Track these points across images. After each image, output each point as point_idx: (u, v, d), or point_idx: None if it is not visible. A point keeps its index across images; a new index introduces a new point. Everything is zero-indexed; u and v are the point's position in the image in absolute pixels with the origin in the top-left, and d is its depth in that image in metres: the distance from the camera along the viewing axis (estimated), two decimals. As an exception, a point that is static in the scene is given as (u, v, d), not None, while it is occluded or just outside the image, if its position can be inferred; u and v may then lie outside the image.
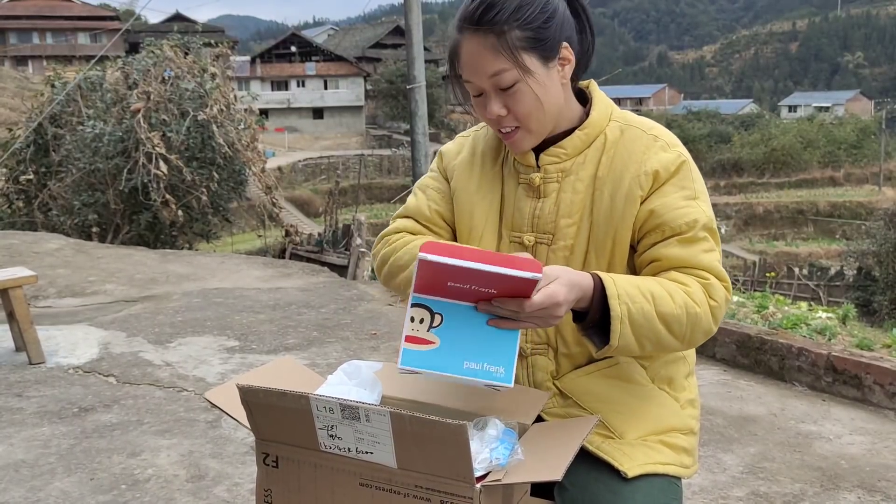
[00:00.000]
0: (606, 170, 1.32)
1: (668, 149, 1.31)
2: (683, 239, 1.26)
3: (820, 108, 69.20)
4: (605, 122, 1.35)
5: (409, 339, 1.12)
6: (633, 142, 1.32)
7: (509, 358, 1.12)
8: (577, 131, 1.34)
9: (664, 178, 1.28)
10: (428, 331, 1.12)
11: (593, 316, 1.19)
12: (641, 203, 1.29)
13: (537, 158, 1.36)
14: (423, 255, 1.06)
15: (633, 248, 1.32)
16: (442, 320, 1.12)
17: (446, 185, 1.46)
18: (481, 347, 1.11)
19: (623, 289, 1.18)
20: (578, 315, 1.22)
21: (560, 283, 1.13)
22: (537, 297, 1.10)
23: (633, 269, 1.34)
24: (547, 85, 1.27)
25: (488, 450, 1.11)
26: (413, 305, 1.13)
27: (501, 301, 1.11)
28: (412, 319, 1.12)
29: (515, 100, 1.26)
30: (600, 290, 1.18)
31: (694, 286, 1.23)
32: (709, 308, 1.23)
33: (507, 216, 1.39)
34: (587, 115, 1.36)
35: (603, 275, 1.20)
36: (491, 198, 1.40)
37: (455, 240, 1.46)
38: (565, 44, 1.28)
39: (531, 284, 1.07)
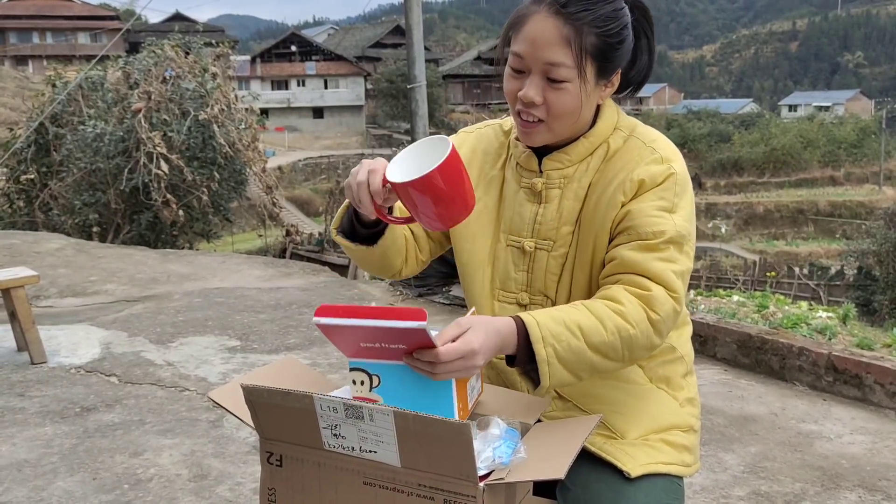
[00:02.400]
0: (600, 176, 1.32)
1: (661, 162, 1.28)
2: (644, 245, 1.24)
3: (820, 108, 69.19)
4: (610, 130, 1.34)
5: (356, 398, 1.19)
6: (631, 151, 1.31)
7: (448, 406, 1.15)
8: (581, 139, 1.33)
9: (648, 186, 1.27)
10: (370, 391, 1.19)
11: (521, 359, 1.18)
12: (621, 207, 1.28)
13: (540, 163, 1.35)
14: (315, 319, 1.13)
15: None
16: (380, 381, 1.18)
17: None
18: (420, 400, 1.15)
19: (547, 329, 1.15)
20: (510, 359, 1.21)
21: (474, 331, 1.11)
22: (453, 345, 1.09)
23: None
24: (590, 99, 1.27)
25: (491, 448, 1.12)
26: (351, 370, 1.20)
27: (418, 354, 1.10)
28: (354, 382, 1.20)
29: (557, 96, 1.24)
30: (524, 334, 1.16)
31: (629, 305, 1.20)
32: (648, 325, 1.20)
33: (505, 219, 1.38)
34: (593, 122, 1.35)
35: (525, 317, 1.17)
36: (487, 199, 1.39)
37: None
38: (619, 71, 1.30)
39: (421, 335, 1.08)
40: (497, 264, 1.39)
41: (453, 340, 1.10)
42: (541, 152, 1.35)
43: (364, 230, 1.34)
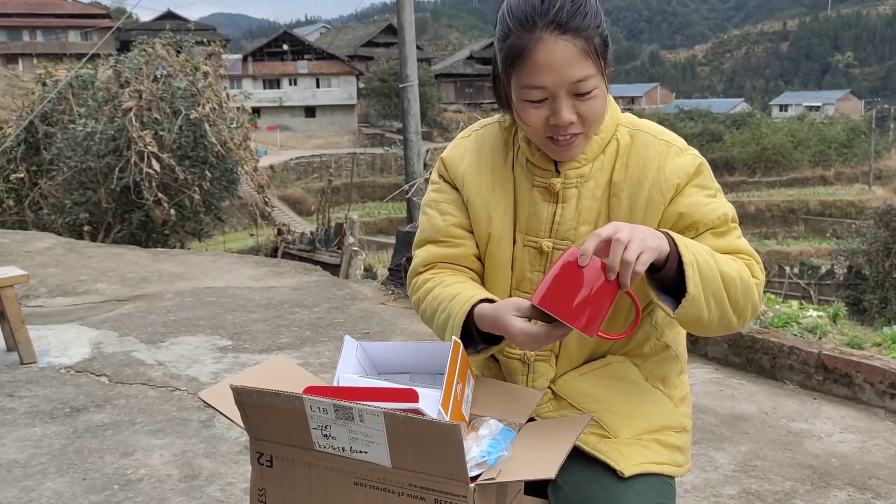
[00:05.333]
0: (622, 175, 1.32)
1: (683, 153, 1.32)
2: (717, 232, 1.29)
3: (810, 108, 69.42)
4: (615, 125, 1.35)
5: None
6: (647, 147, 1.32)
7: None
8: (593, 136, 1.33)
9: (685, 181, 1.30)
10: None
11: (668, 271, 1.17)
12: (664, 209, 1.30)
13: (556, 162, 1.34)
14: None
15: None
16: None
17: (456, 193, 1.42)
18: None
19: (688, 241, 1.19)
20: (653, 269, 1.19)
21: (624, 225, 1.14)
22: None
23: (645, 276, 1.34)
24: (608, 93, 1.29)
25: (476, 447, 1.12)
26: None
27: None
28: None
29: (589, 106, 1.24)
30: (673, 245, 1.17)
31: (740, 263, 1.26)
32: (753, 281, 1.26)
33: (521, 219, 1.36)
34: None
35: (670, 232, 1.20)
36: (505, 201, 1.37)
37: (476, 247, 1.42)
38: None
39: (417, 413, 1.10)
40: (515, 265, 1.38)
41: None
42: None
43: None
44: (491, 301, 1.28)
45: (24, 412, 3.37)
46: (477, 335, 1.30)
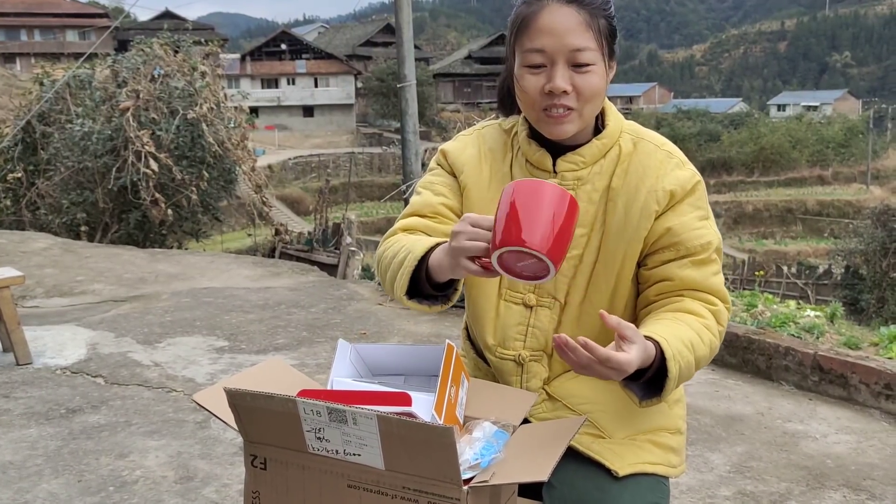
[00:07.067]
0: (620, 182, 1.32)
1: (683, 166, 1.33)
2: (697, 260, 1.29)
3: (808, 108, 69.48)
4: (619, 132, 1.36)
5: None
6: (648, 156, 1.33)
7: None
8: (594, 140, 1.34)
9: (680, 196, 1.30)
10: None
11: (650, 375, 1.19)
12: (656, 218, 1.30)
13: (554, 164, 1.35)
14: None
15: (637, 262, 1.33)
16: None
17: (453, 179, 1.43)
18: None
19: (676, 348, 1.18)
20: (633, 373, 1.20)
21: (638, 349, 1.11)
22: (623, 356, 1.09)
23: (636, 282, 1.35)
24: (606, 80, 1.30)
25: (469, 450, 1.12)
26: None
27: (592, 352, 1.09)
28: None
29: (585, 80, 1.25)
30: (660, 352, 1.17)
31: (709, 318, 1.27)
32: (718, 335, 1.28)
33: None
34: (600, 125, 1.36)
35: (658, 336, 1.17)
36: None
37: None
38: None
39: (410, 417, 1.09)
40: None
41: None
42: (554, 153, 1.35)
43: (433, 290, 1.27)
44: None
45: (19, 413, 3.37)
46: (427, 283, 1.25)
